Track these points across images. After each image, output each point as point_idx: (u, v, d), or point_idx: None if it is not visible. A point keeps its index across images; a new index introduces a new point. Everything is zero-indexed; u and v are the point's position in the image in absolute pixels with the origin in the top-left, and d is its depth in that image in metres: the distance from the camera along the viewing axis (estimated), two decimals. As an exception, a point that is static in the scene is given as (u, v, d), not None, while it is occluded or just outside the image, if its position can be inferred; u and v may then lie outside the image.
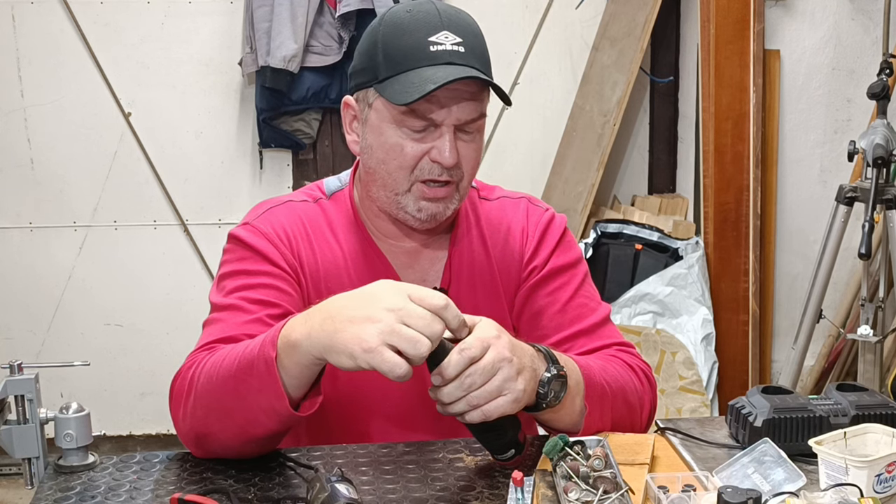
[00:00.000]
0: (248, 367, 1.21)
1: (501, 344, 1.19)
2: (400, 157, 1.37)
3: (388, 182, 1.40)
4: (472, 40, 1.36)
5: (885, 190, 2.67)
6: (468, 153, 1.40)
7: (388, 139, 1.38)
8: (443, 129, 1.36)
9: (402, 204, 1.41)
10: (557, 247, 1.52)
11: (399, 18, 1.36)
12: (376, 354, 1.09)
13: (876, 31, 3.31)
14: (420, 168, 1.38)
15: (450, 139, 1.36)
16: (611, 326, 1.53)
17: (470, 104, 1.36)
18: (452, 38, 1.34)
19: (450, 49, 1.33)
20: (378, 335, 1.09)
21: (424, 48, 1.33)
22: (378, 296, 1.13)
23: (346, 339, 1.11)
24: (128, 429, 3.69)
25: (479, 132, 1.41)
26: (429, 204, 1.40)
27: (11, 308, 3.58)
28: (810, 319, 2.87)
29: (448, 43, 1.33)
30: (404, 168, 1.38)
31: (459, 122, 1.36)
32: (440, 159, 1.36)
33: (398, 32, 1.35)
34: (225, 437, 1.28)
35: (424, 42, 1.33)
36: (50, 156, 3.50)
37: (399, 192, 1.40)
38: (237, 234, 1.46)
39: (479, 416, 1.18)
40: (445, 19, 1.35)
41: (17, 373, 1.33)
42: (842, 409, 1.35)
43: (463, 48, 1.34)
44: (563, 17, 3.52)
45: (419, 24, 1.34)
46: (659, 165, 3.69)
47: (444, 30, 1.34)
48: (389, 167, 1.39)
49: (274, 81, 3.30)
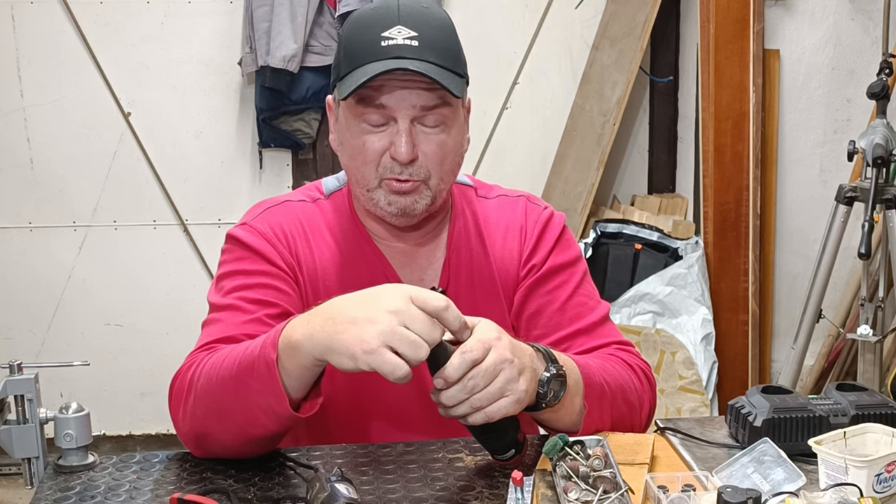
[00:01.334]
0: (248, 369, 1.21)
1: (502, 345, 1.19)
2: (363, 154, 1.38)
3: (359, 179, 1.41)
4: (430, 34, 1.35)
5: (884, 190, 2.67)
6: (430, 146, 1.38)
7: (353, 136, 1.39)
8: (399, 123, 1.36)
9: (375, 199, 1.41)
10: (556, 245, 1.52)
11: (361, 15, 1.39)
12: (377, 356, 1.09)
13: (876, 31, 3.31)
14: (383, 166, 1.38)
15: (405, 132, 1.35)
16: (610, 325, 1.53)
17: (424, 94, 1.35)
18: (406, 32, 1.34)
19: (401, 43, 1.33)
20: (379, 337, 1.10)
21: (376, 43, 1.34)
22: (380, 298, 1.13)
23: (348, 341, 1.11)
24: (127, 429, 3.69)
25: (446, 124, 1.39)
26: (397, 198, 1.39)
27: (11, 308, 3.58)
28: (810, 319, 2.87)
29: (400, 38, 1.34)
30: (368, 164, 1.39)
31: (414, 111, 1.35)
32: (395, 154, 1.36)
33: (357, 29, 1.37)
34: (225, 438, 1.28)
35: (377, 37, 1.34)
36: (50, 156, 3.50)
37: (370, 188, 1.40)
38: (235, 235, 1.46)
39: (481, 417, 1.18)
40: (403, 14, 1.36)
41: (16, 373, 1.33)
42: (841, 408, 1.35)
43: (417, 42, 1.34)
44: (563, 16, 3.52)
45: (376, 19, 1.36)
46: (659, 165, 3.69)
47: (398, 25, 1.35)
48: (357, 163, 1.40)
49: (274, 81, 3.30)
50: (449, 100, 1.37)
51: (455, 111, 1.40)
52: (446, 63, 1.35)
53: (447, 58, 1.36)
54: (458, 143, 1.43)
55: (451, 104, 1.38)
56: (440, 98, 1.36)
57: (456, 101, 1.39)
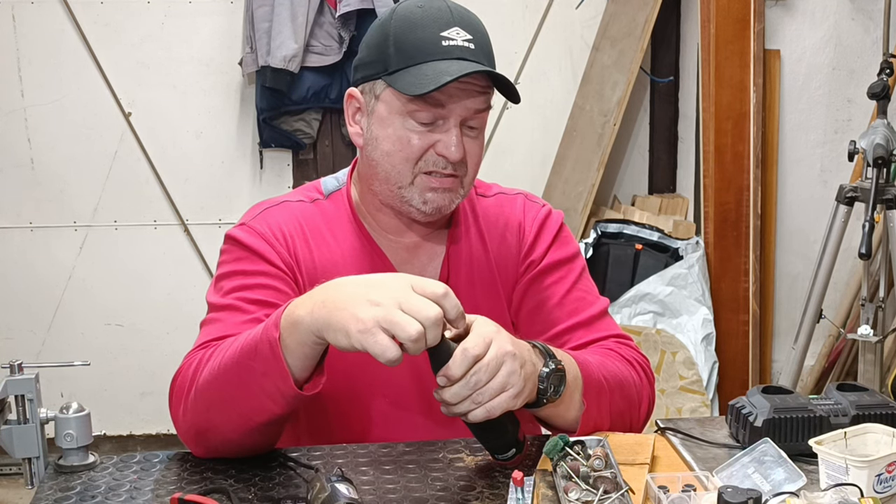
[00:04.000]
0: (251, 352, 1.21)
1: (502, 339, 1.19)
2: (406, 149, 1.39)
3: (391, 175, 1.41)
4: (480, 38, 1.39)
5: (885, 190, 2.67)
6: (472, 149, 1.42)
7: (396, 131, 1.39)
8: (450, 124, 1.38)
9: (407, 197, 1.41)
10: (555, 241, 1.53)
11: (411, 13, 1.39)
12: (369, 336, 1.10)
13: (876, 31, 3.31)
14: (425, 160, 1.39)
15: (456, 134, 1.38)
16: (609, 319, 1.54)
17: (478, 98, 1.39)
18: (464, 34, 1.37)
19: (461, 45, 1.36)
20: (373, 317, 1.10)
21: (437, 42, 1.36)
22: (382, 282, 1.15)
23: (344, 318, 1.12)
24: (128, 429, 3.69)
25: (481, 129, 1.43)
26: (434, 195, 1.41)
27: (11, 308, 3.58)
28: (810, 319, 2.87)
29: (459, 39, 1.37)
30: (409, 160, 1.39)
31: (468, 113, 1.38)
32: (446, 153, 1.38)
33: (410, 26, 1.38)
34: (227, 430, 1.28)
35: (437, 37, 1.36)
36: (50, 156, 3.50)
37: (403, 185, 1.41)
38: (233, 235, 1.46)
39: (482, 413, 1.18)
40: (457, 16, 1.39)
41: (17, 373, 1.33)
42: (842, 408, 1.35)
43: (473, 45, 1.37)
44: (563, 17, 3.52)
45: (431, 19, 1.37)
46: (659, 165, 3.69)
47: (455, 26, 1.37)
48: (394, 159, 1.40)
49: (274, 81, 3.30)
50: (489, 106, 1.42)
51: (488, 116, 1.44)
52: (492, 66, 1.40)
53: (491, 61, 1.40)
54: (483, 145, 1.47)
55: (489, 110, 1.42)
56: (486, 104, 1.41)
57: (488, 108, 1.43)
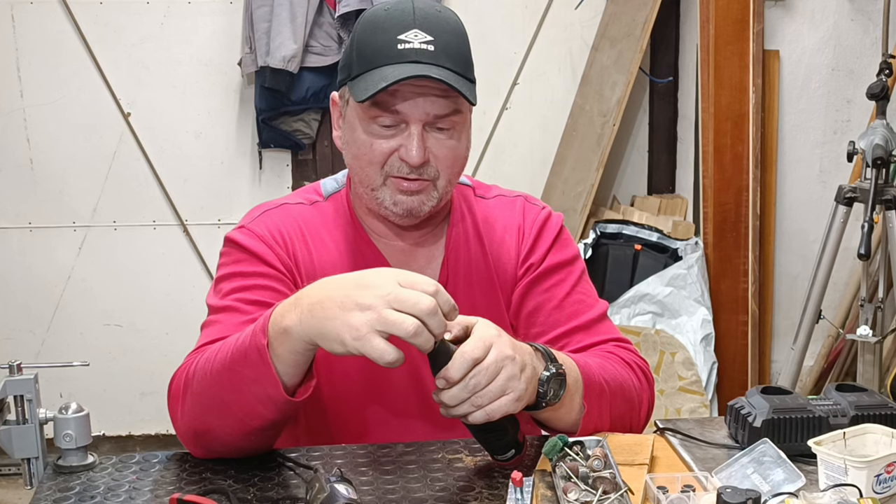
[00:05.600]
0: (241, 359, 1.21)
1: (503, 342, 1.19)
2: (369, 154, 1.38)
3: (363, 178, 1.41)
4: (445, 39, 1.35)
5: (884, 190, 2.67)
6: (442, 151, 1.38)
7: (360, 136, 1.39)
8: (411, 128, 1.36)
9: (380, 199, 1.41)
10: (554, 244, 1.52)
11: (375, 16, 1.38)
12: (366, 342, 1.10)
13: (875, 32, 3.31)
14: (390, 164, 1.38)
15: (417, 137, 1.35)
16: (608, 322, 1.53)
17: (438, 101, 1.35)
18: (423, 36, 1.34)
19: (417, 47, 1.33)
20: (367, 323, 1.10)
21: (393, 46, 1.33)
22: (368, 282, 1.13)
23: (337, 327, 1.11)
24: (127, 429, 3.69)
25: (456, 129, 1.39)
26: (404, 198, 1.40)
27: (11, 308, 3.58)
28: (810, 320, 2.87)
29: (417, 41, 1.33)
30: (373, 164, 1.38)
31: (427, 118, 1.36)
32: (406, 158, 1.36)
33: (372, 30, 1.37)
34: (224, 433, 1.28)
35: (393, 40, 1.34)
36: (50, 156, 3.50)
37: (374, 187, 1.40)
38: (233, 237, 1.46)
39: (482, 416, 1.18)
40: (419, 17, 1.35)
41: (16, 373, 1.34)
42: (841, 409, 1.35)
43: (433, 46, 1.33)
44: (563, 17, 3.52)
45: (392, 22, 1.35)
46: (658, 166, 3.69)
47: (415, 28, 1.34)
48: (361, 163, 1.40)
49: (273, 81, 3.30)
50: (461, 107, 1.37)
51: (465, 117, 1.40)
52: (459, 68, 1.35)
53: (460, 63, 1.36)
54: (465, 146, 1.43)
55: (462, 111, 1.38)
56: (453, 105, 1.36)
57: (468, 108, 1.39)
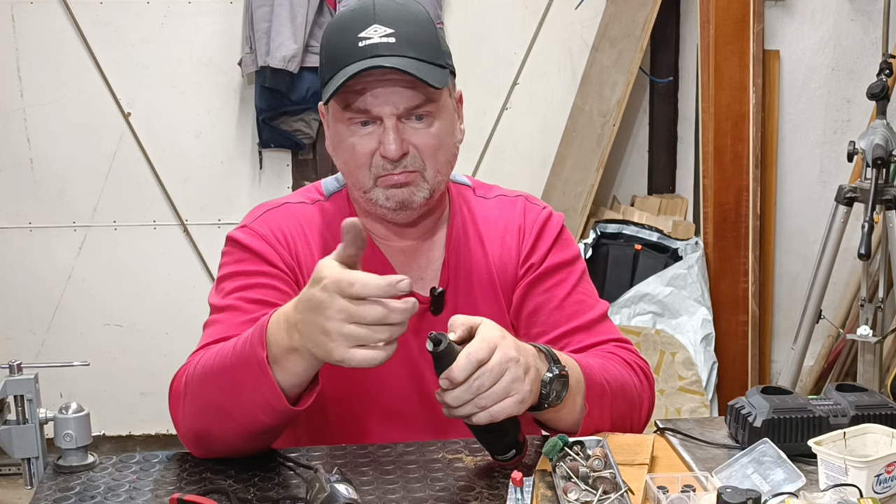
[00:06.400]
0: (240, 368, 1.21)
1: (507, 344, 1.19)
2: (355, 158, 1.38)
3: (355, 182, 1.42)
4: (406, 29, 1.35)
5: (884, 190, 2.67)
6: (423, 139, 1.38)
7: (343, 140, 1.39)
8: (385, 122, 1.35)
9: (374, 199, 1.41)
10: (555, 244, 1.52)
11: (338, 18, 1.39)
12: (348, 360, 1.10)
13: (875, 32, 3.31)
14: (375, 165, 1.38)
15: (392, 131, 1.35)
16: (609, 323, 1.53)
17: (406, 92, 1.34)
18: (382, 30, 1.34)
19: (377, 42, 1.33)
20: (339, 346, 1.10)
21: (354, 44, 1.34)
22: (317, 305, 1.11)
23: (322, 352, 1.12)
24: (127, 429, 3.69)
25: (434, 117, 1.38)
26: (395, 191, 1.39)
27: (11, 308, 3.58)
28: (810, 320, 2.87)
29: (376, 36, 1.33)
30: (361, 167, 1.39)
31: (399, 111, 1.35)
32: (385, 153, 1.36)
33: (335, 33, 1.38)
34: (224, 436, 1.28)
35: (354, 38, 1.34)
36: (50, 156, 3.50)
37: (366, 189, 1.40)
38: (235, 237, 1.46)
39: (486, 417, 1.18)
40: (379, 12, 1.35)
41: (16, 373, 1.34)
42: (841, 409, 1.35)
43: (393, 38, 1.33)
44: (563, 17, 3.52)
45: (353, 21, 1.36)
46: (658, 166, 3.69)
47: (374, 24, 1.34)
48: (350, 167, 1.41)
49: (274, 81, 3.29)
50: (433, 96, 1.36)
51: (442, 103, 1.39)
52: (425, 56, 1.35)
53: (425, 50, 1.35)
54: (450, 133, 1.42)
55: (435, 100, 1.37)
56: (424, 95, 1.35)
57: (441, 94, 1.38)
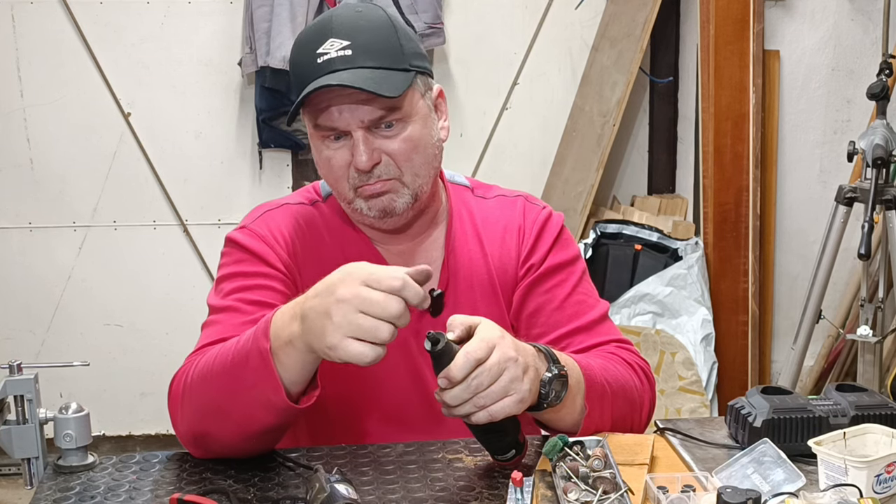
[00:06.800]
0: (242, 363, 1.21)
1: (506, 344, 1.19)
2: (332, 172, 1.39)
3: (338, 194, 1.43)
4: (364, 38, 1.33)
5: (884, 190, 2.67)
6: (396, 146, 1.36)
7: (320, 153, 1.40)
8: (354, 135, 1.35)
9: (357, 208, 1.41)
10: (555, 244, 1.52)
11: (300, 36, 1.39)
12: (341, 350, 1.11)
13: (875, 32, 3.31)
14: (352, 177, 1.38)
15: (362, 143, 1.34)
16: (609, 323, 1.53)
17: (366, 106, 1.33)
18: (339, 43, 1.33)
19: (334, 56, 1.32)
20: (336, 331, 1.11)
21: (312, 62, 1.33)
22: (333, 288, 1.13)
23: (317, 338, 1.13)
24: (127, 429, 3.69)
25: (405, 122, 1.36)
26: (374, 200, 1.39)
27: (11, 308, 3.58)
28: (810, 320, 2.87)
29: (333, 50, 1.33)
30: (339, 180, 1.39)
31: (363, 124, 1.34)
32: (356, 165, 1.36)
33: (298, 50, 1.38)
34: (223, 436, 1.28)
35: (313, 55, 1.33)
36: (50, 156, 3.50)
37: (349, 200, 1.41)
38: (234, 238, 1.46)
39: (485, 417, 1.18)
40: (336, 25, 1.34)
41: (16, 373, 1.34)
42: (841, 409, 1.35)
43: (350, 51, 1.32)
44: (563, 17, 3.52)
45: (312, 37, 1.35)
46: (658, 166, 3.69)
47: (330, 38, 1.33)
48: (330, 180, 1.42)
49: (274, 81, 3.30)
50: (396, 103, 1.34)
51: (410, 107, 1.37)
52: (384, 63, 1.33)
53: (384, 58, 1.34)
54: (426, 134, 1.40)
55: (399, 107, 1.35)
56: (385, 106, 1.34)
57: (405, 100, 1.35)
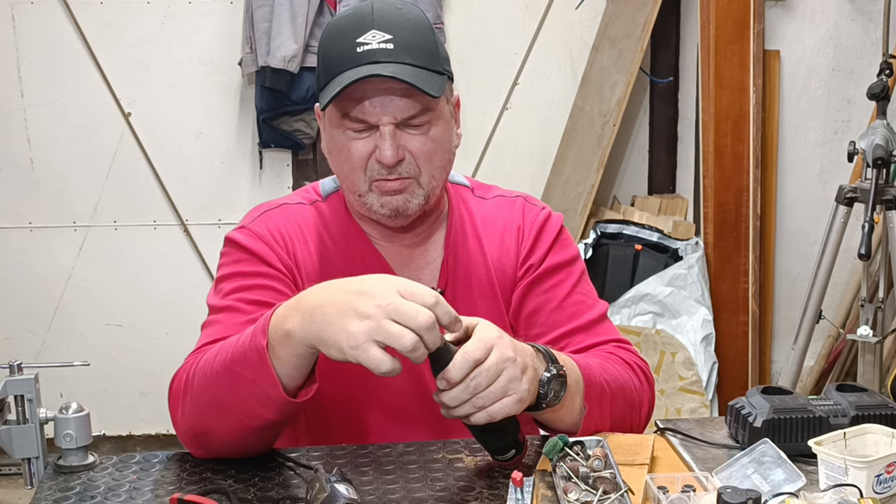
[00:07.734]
0: (241, 359, 1.21)
1: (504, 344, 1.19)
2: (350, 161, 1.38)
3: (349, 185, 1.42)
4: (405, 35, 1.34)
5: (884, 190, 2.67)
6: (419, 146, 1.37)
7: (338, 144, 1.39)
8: (382, 129, 1.35)
9: (368, 203, 1.41)
10: (554, 245, 1.52)
11: (336, 23, 1.38)
12: (362, 351, 1.10)
13: (876, 32, 3.31)
14: (370, 168, 1.38)
15: (389, 137, 1.35)
16: (608, 323, 1.53)
17: (403, 101, 1.34)
18: (381, 36, 1.33)
19: (376, 48, 1.32)
20: (365, 332, 1.10)
21: (352, 50, 1.33)
22: (368, 289, 1.13)
23: (335, 333, 1.12)
24: (127, 429, 3.69)
25: (431, 124, 1.38)
26: (389, 198, 1.39)
27: (11, 308, 3.58)
28: (810, 320, 2.87)
29: (375, 42, 1.32)
30: (356, 170, 1.39)
31: (394, 119, 1.35)
32: (380, 158, 1.35)
33: (333, 37, 1.37)
34: (224, 434, 1.28)
35: (353, 44, 1.33)
36: (50, 156, 3.50)
37: (361, 192, 1.40)
38: (233, 238, 1.46)
39: (484, 417, 1.18)
40: (378, 17, 1.34)
41: (16, 373, 1.34)
42: (841, 409, 1.35)
43: (392, 45, 1.32)
44: (563, 17, 3.52)
45: (351, 26, 1.35)
46: (659, 166, 3.69)
47: (372, 29, 1.33)
48: (345, 170, 1.41)
49: (274, 81, 3.30)
50: (430, 104, 1.36)
51: (438, 110, 1.38)
52: (423, 62, 1.34)
53: (423, 57, 1.34)
54: (446, 139, 1.41)
55: (432, 108, 1.37)
56: (421, 104, 1.35)
57: (438, 101, 1.37)
